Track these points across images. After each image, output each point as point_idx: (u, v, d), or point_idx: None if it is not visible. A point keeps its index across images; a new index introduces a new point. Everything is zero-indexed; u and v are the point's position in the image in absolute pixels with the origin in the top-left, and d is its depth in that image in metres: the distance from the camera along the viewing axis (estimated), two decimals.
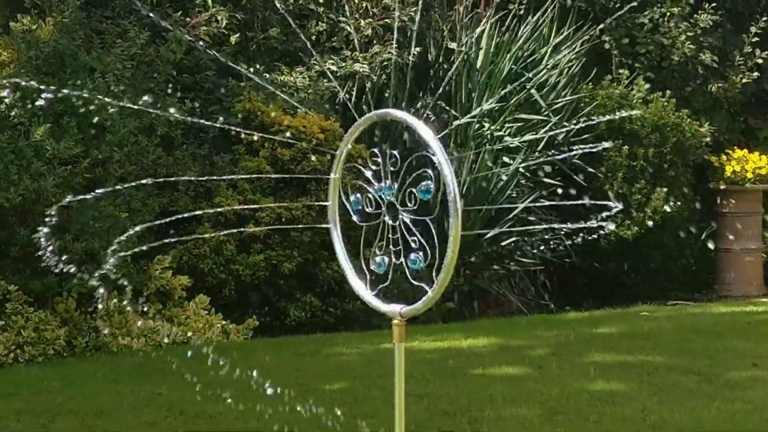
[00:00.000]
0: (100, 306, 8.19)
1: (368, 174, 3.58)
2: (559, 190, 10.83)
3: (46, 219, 4.60)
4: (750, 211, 12.28)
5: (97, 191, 4.64)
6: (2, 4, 9.82)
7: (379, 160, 3.54)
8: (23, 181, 8.29)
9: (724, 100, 12.52)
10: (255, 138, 9.75)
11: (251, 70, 10.14)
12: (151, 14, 9.73)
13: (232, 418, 6.56)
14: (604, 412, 6.67)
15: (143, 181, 5.99)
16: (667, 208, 11.28)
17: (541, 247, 11.05)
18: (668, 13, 12.18)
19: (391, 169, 3.50)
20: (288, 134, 9.51)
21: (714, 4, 12.26)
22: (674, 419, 6.50)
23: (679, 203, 11.61)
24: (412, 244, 3.44)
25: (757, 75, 12.55)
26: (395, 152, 3.51)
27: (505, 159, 10.88)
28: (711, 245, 12.26)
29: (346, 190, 3.72)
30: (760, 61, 12.43)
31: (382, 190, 3.54)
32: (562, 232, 10.53)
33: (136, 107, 8.85)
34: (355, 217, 3.69)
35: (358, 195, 3.63)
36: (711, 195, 12.30)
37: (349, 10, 10.78)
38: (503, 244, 10.70)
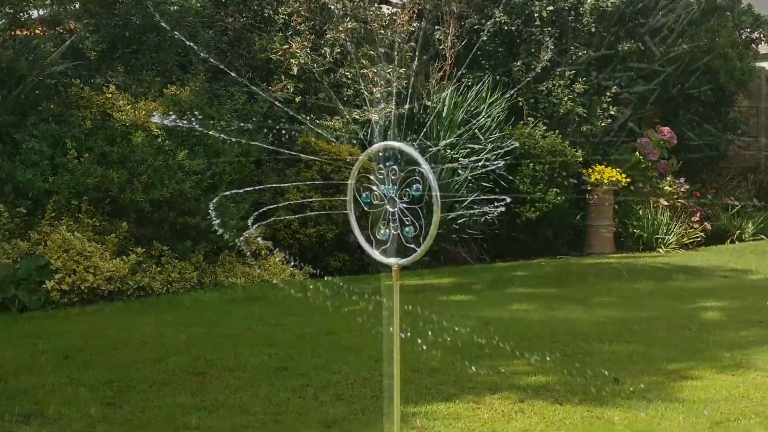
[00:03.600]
0: (244, 248, 7.93)
1: (375, 180, 3.56)
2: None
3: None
4: (606, 203, 12.30)
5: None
6: (159, 80, 9.83)
7: (383, 171, 3.54)
8: (171, 184, 8.32)
9: (591, 136, 12.49)
10: (309, 159, 9.79)
11: (308, 118, 10.16)
12: (247, 84, 9.76)
13: (300, 325, 6.61)
14: (519, 322, 6.72)
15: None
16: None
17: (481, 221, 11.07)
18: (557, 84, 12.17)
19: (392, 177, 3.50)
20: (329, 157, 9.55)
21: (584, 79, 12.25)
22: (561, 326, 6.56)
23: (563, 197, 11.62)
24: (406, 221, 3.45)
25: (610, 121, 12.56)
26: (395, 167, 3.52)
27: (459, 171, 10.88)
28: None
29: (360, 191, 3.69)
30: (612, 113, 12.43)
31: (386, 190, 3.54)
32: (494, 215, 10.55)
33: (238, 140, 8.93)
34: (365, 207, 3.65)
35: (368, 193, 3.62)
36: (583, 193, 12.30)
37: (365, 81, 10.78)
38: (459, 221, 10.71)
